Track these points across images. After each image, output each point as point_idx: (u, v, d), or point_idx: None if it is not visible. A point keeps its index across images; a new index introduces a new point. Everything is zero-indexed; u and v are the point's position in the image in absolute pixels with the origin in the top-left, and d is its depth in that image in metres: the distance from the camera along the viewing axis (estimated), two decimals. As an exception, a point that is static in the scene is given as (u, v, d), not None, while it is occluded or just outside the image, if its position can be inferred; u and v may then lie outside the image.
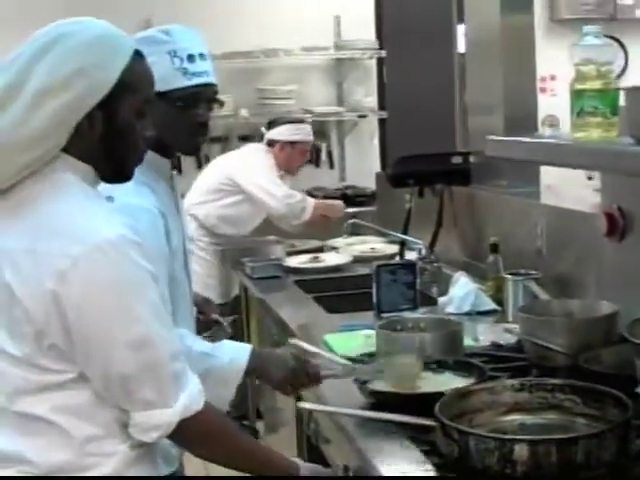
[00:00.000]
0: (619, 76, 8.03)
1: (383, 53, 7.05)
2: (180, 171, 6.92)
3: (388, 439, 2.12)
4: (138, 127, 1.91)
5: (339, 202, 5.66)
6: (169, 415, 1.82)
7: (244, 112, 7.25)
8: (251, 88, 7.40)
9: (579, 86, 2.37)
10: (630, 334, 2.17)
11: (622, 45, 8.03)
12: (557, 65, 5.93)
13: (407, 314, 3.24)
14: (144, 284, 1.80)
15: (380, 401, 2.30)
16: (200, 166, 7.17)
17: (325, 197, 7.25)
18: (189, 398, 1.84)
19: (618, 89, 2.32)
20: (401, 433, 2.12)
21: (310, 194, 7.35)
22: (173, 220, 2.41)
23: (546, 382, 2.17)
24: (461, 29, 5.85)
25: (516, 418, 2.12)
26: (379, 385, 2.39)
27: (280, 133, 5.32)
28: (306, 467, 2.07)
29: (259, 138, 5.60)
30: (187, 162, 7.05)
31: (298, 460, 2.09)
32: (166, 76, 2.30)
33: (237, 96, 7.19)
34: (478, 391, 2.16)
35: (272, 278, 4.37)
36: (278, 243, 5.03)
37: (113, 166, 1.90)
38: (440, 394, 2.13)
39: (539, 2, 7.83)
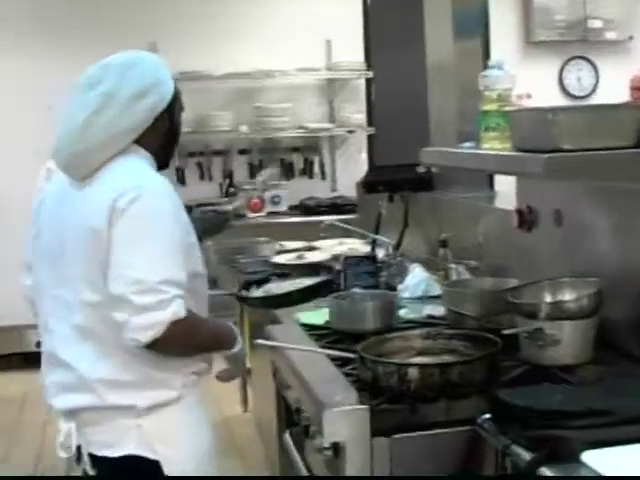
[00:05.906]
0: (590, 94, 8.58)
1: (370, 74, 7.29)
2: (184, 183, 7.35)
3: (325, 373, 2.67)
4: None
5: None
6: (162, 316, 2.33)
7: (243, 128, 7.70)
8: (249, 106, 7.83)
9: (485, 107, 2.87)
10: (512, 297, 2.76)
11: (593, 65, 8.58)
12: (532, 84, 6.44)
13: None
14: (175, 215, 2.45)
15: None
16: (202, 177, 7.73)
17: (317, 206, 7.81)
18: (177, 307, 2.35)
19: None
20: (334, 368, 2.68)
21: (303, 203, 7.90)
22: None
23: (446, 332, 2.75)
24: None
25: (422, 360, 2.64)
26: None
27: None
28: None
29: (257, 152, 5.94)
30: (190, 174, 7.45)
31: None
32: None
33: (237, 113, 7.74)
34: (394, 338, 2.73)
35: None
36: (267, 243, 5.41)
37: (165, 154, 2.61)
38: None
39: (515, 25, 8.38)
